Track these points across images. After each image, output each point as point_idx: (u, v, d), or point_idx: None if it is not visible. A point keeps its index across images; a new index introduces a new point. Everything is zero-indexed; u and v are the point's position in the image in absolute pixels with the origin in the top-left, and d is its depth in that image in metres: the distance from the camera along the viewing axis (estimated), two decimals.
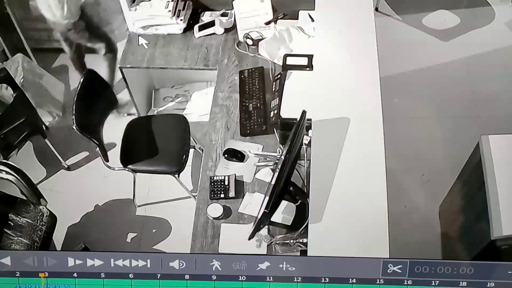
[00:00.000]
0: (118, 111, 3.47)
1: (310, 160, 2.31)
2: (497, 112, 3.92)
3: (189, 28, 3.54)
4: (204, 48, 3.45)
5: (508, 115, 3.85)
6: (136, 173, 3.40)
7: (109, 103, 3.44)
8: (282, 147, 2.80)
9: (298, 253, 2.42)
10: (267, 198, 2.18)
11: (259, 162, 2.81)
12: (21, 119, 3.54)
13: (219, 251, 2.52)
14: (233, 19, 3.49)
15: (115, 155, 3.37)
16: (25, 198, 3.13)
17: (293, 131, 2.26)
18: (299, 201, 2.42)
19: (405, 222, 3.26)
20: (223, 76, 3.27)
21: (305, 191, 2.43)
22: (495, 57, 4.27)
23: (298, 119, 2.28)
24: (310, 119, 2.35)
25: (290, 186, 2.34)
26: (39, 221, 3.07)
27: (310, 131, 2.40)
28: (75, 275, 1.85)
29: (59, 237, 3.40)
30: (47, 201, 3.19)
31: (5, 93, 3.72)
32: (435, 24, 4.56)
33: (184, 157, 3.30)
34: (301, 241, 2.41)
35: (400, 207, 3.38)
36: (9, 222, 3.05)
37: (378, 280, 1.81)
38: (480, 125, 3.83)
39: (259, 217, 2.21)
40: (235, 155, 2.83)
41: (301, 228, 2.40)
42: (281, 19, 3.39)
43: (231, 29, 3.51)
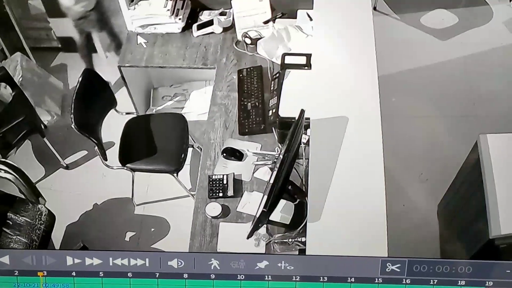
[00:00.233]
0: (116, 110, 3.46)
1: (308, 159, 2.31)
2: (495, 111, 3.92)
3: (187, 27, 3.54)
4: (202, 47, 3.45)
5: (506, 114, 3.86)
6: (134, 172, 3.40)
7: (108, 102, 3.44)
8: (280, 146, 2.80)
9: (296, 252, 2.42)
10: (266, 197, 2.18)
11: (257, 161, 2.81)
12: (20, 118, 3.54)
13: (218, 250, 2.52)
14: (231, 18, 3.49)
15: (113, 154, 3.37)
16: (23, 197, 3.13)
17: (291, 130, 2.26)
18: (298, 200, 2.42)
19: (404, 221, 3.26)
20: (222, 75, 3.27)
21: (304, 190, 2.43)
22: (493, 56, 4.28)
23: (296, 118, 2.28)
24: (308, 118, 2.35)
25: (288, 185, 2.35)
26: (37, 220, 3.07)
27: (308, 130, 2.40)
28: (74, 274, 1.85)
29: (57, 236, 3.40)
30: (45, 200, 3.19)
31: (4, 92, 3.73)
32: (433, 23, 4.56)
33: (182, 156, 3.30)
34: (299, 240, 2.41)
35: (398, 206, 3.38)
36: (8, 221, 3.05)
37: (376, 279, 1.81)
38: (478, 124, 3.83)
39: (258, 216, 2.21)
40: (234, 154, 2.83)
41: (300, 227, 2.40)
42: (280, 18, 3.38)
43: (230, 28, 3.51)
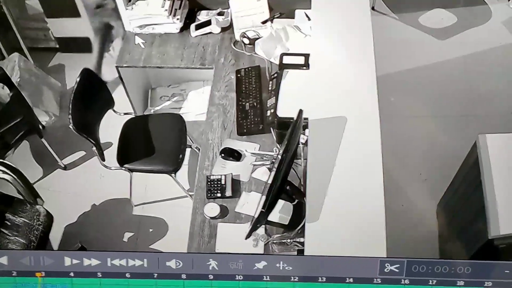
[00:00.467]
0: (114, 110, 3.46)
1: (307, 159, 2.31)
2: (494, 111, 3.93)
3: (185, 27, 3.55)
4: (200, 47, 3.45)
5: (505, 114, 3.86)
6: (132, 173, 3.39)
7: (106, 103, 3.44)
8: (278, 146, 2.80)
9: (295, 253, 2.43)
10: (264, 197, 2.18)
11: (255, 161, 2.81)
12: (18, 119, 3.54)
13: (216, 251, 2.52)
14: (229, 18, 3.49)
15: (111, 155, 3.36)
16: (21, 197, 3.13)
17: (289, 130, 2.26)
18: (296, 200, 2.42)
19: (403, 221, 3.26)
20: (220, 75, 3.27)
21: (302, 190, 2.43)
22: (492, 56, 4.28)
23: (294, 118, 2.28)
24: (306, 118, 2.35)
25: (287, 185, 2.35)
26: (35, 221, 3.07)
27: (306, 130, 2.41)
28: (72, 274, 1.85)
29: (56, 237, 3.40)
30: (43, 200, 3.19)
31: (2, 93, 3.72)
32: (431, 23, 4.56)
33: (180, 156, 3.30)
34: (298, 240, 2.41)
35: (397, 206, 3.38)
36: (6, 221, 3.04)
37: (375, 279, 1.81)
38: (477, 124, 3.84)
39: (256, 216, 2.21)
40: (232, 154, 2.83)
41: (298, 227, 2.40)
42: (278, 18, 3.38)
43: (228, 28, 3.51)
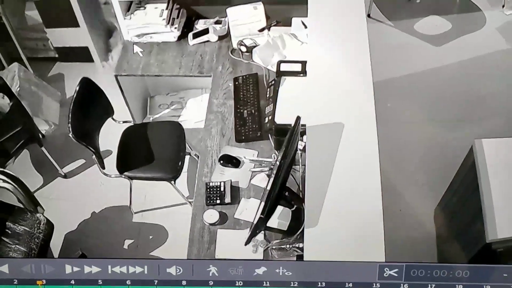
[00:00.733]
0: (113, 119, 3.48)
1: (305, 165, 2.32)
2: (489, 116, 3.94)
3: (183, 36, 3.56)
4: (198, 55, 3.47)
5: (500, 119, 3.88)
6: (132, 180, 3.40)
7: (105, 111, 3.45)
8: (277, 153, 2.81)
9: (294, 258, 2.42)
10: (263, 203, 2.19)
11: (254, 168, 2.82)
12: (18, 128, 3.55)
13: (216, 257, 2.53)
14: (227, 27, 3.51)
15: (111, 163, 3.37)
16: (22, 206, 3.13)
17: (287, 137, 2.27)
18: (295, 206, 2.42)
19: (401, 226, 3.27)
20: (218, 83, 3.28)
21: (301, 196, 2.44)
22: (487, 61, 4.30)
23: (292, 125, 2.28)
24: (304, 125, 2.35)
25: (285, 191, 2.35)
26: (36, 229, 3.07)
27: (304, 137, 2.41)
28: (73, 282, 1.85)
29: (56, 245, 3.40)
30: (44, 209, 3.19)
31: (2, 102, 3.73)
32: (427, 29, 4.59)
33: (179, 163, 3.31)
34: (297, 246, 2.41)
35: (395, 211, 3.40)
36: (7, 230, 3.05)
37: (374, 284, 1.82)
38: (473, 129, 3.85)
39: (255, 222, 2.21)
40: (231, 161, 2.84)
41: (297, 233, 2.39)
42: (274, 26, 3.41)
43: (225, 37, 3.53)
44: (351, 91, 2.49)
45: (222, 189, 2.73)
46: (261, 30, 3.39)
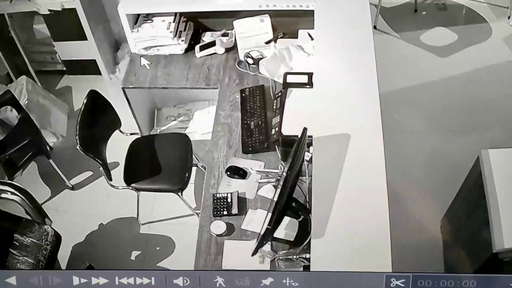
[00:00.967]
0: (121, 131, 3.50)
1: (311, 176, 2.32)
2: (495, 126, 3.95)
3: (190, 48, 3.58)
4: (205, 67, 3.48)
5: (506, 129, 3.88)
6: (139, 192, 3.41)
7: (112, 123, 3.47)
8: (283, 164, 2.81)
9: (301, 269, 2.42)
10: (270, 214, 2.19)
11: (261, 179, 2.82)
12: (26, 140, 3.58)
13: (223, 268, 2.53)
14: (233, 39, 3.53)
15: (118, 174, 3.39)
16: (30, 218, 3.15)
17: (294, 148, 2.27)
18: (302, 217, 2.42)
19: (407, 236, 3.26)
20: (225, 94, 3.30)
21: (307, 207, 2.44)
22: (493, 72, 4.31)
23: (299, 136, 2.29)
24: (311, 136, 2.36)
25: (292, 202, 2.35)
26: (44, 241, 3.08)
27: (311, 148, 2.42)
28: None
29: (64, 256, 3.41)
30: (51, 220, 3.20)
31: (10, 115, 3.76)
32: (433, 41, 4.61)
33: (186, 175, 3.32)
34: (304, 256, 2.41)
35: (402, 221, 3.39)
36: (15, 242, 3.06)
37: None
38: (480, 139, 3.85)
39: (262, 233, 2.21)
40: (237, 173, 2.85)
41: (304, 243, 2.40)
42: (281, 38, 3.43)
43: (232, 49, 3.55)
44: (358, 102, 2.50)
45: (229, 200, 2.74)
46: (268, 42, 3.42)
